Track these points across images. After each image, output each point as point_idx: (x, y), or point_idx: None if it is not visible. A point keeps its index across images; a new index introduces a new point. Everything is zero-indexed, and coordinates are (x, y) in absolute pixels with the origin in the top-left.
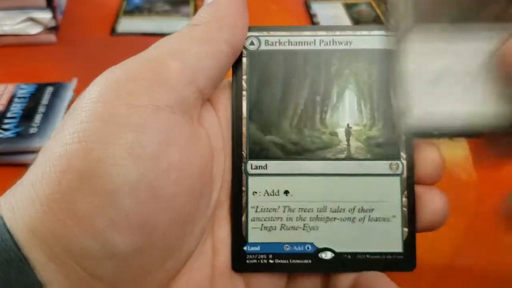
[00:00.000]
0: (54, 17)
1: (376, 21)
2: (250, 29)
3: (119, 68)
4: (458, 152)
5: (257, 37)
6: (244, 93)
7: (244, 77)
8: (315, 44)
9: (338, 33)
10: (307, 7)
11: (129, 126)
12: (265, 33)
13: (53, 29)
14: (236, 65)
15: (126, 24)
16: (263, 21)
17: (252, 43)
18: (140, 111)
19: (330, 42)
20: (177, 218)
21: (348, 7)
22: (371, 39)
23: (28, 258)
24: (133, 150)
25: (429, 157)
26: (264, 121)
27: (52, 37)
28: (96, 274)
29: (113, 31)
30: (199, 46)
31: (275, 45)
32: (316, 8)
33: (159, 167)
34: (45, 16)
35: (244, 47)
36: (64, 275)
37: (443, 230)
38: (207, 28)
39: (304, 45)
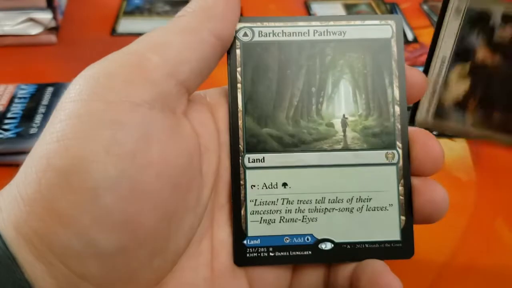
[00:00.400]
0: (55, 17)
1: None
2: (243, 20)
3: (98, 64)
4: (458, 153)
5: (250, 28)
6: (239, 85)
7: (239, 69)
8: (309, 34)
9: (331, 23)
10: (307, 7)
11: (106, 123)
12: (258, 24)
13: (54, 30)
14: (230, 57)
15: (126, 25)
16: None
17: (245, 34)
18: (117, 107)
19: (324, 32)
20: (162, 215)
21: (348, 7)
22: (364, 29)
23: (16, 257)
24: (111, 147)
25: (427, 147)
26: (260, 114)
27: (52, 38)
28: (81, 273)
29: (113, 31)
30: (180, 37)
31: (269, 36)
32: (315, 8)
33: (138, 163)
34: (46, 16)
35: (238, 39)
36: (50, 274)
37: (442, 230)
38: (191, 19)
39: (298, 35)
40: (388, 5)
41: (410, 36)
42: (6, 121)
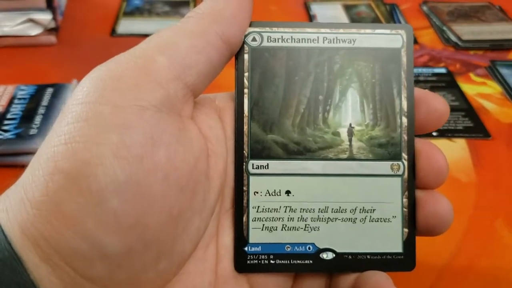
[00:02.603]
0: (54, 18)
1: (376, 22)
2: (252, 24)
3: (105, 66)
4: (458, 153)
5: (259, 33)
6: (245, 90)
7: (246, 74)
8: (318, 41)
9: (341, 30)
10: (307, 8)
11: (114, 126)
12: (267, 29)
13: (53, 30)
14: (238, 61)
15: (126, 25)
16: None
17: (254, 39)
18: (124, 110)
19: (333, 40)
20: (168, 218)
21: (348, 8)
22: (375, 38)
23: (21, 258)
24: (118, 151)
25: (432, 159)
26: (266, 120)
27: (52, 38)
28: (87, 275)
29: (113, 32)
30: (187, 39)
31: (278, 41)
32: (315, 9)
33: (145, 166)
34: (45, 17)
35: (246, 43)
36: (56, 275)
37: None
38: (199, 21)
39: (307, 42)
40: (388, 6)
41: None
42: (6, 122)
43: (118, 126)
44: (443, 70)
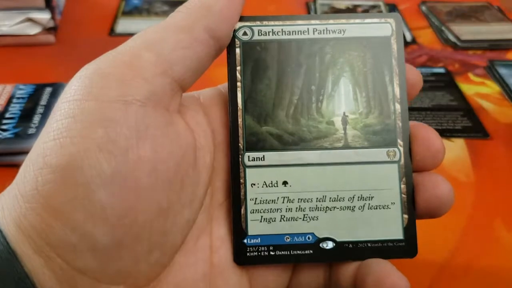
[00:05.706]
0: (53, 17)
1: None
2: (242, 19)
3: (93, 64)
4: (457, 153)
5: (250, 27)
6: (238, 84)
7: (238, 68)
8: (308, 33)
9: (331, 21)
10: (308, 8)
11: (99, 121)
12: (258, 22)
13: (52, 30)
14: (230, 56)
15: (125, 25)
16: None
17: (245, 34)
18: (109, 106)
19: (323, 30)
20: (157, 210)
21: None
22: (364, 27)
23: (16, 251)
24: (104, 144)
25: (427, 141)
26: (260, 112)
27: (50, 38)
28: (78, 266)
29: (111, 31)
30: (174, 35)
31: (269, 35)
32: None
33: (131, 160)
34: (44, 16)
35: (238, 38)
36: (48, 267)
37: (441, 230)
38: (187, 16)
39: (298, 34)
40: (387, 6)
41: (408, 37)
42: (4, 121)
43: (103, 120)
44: (441, 70)
